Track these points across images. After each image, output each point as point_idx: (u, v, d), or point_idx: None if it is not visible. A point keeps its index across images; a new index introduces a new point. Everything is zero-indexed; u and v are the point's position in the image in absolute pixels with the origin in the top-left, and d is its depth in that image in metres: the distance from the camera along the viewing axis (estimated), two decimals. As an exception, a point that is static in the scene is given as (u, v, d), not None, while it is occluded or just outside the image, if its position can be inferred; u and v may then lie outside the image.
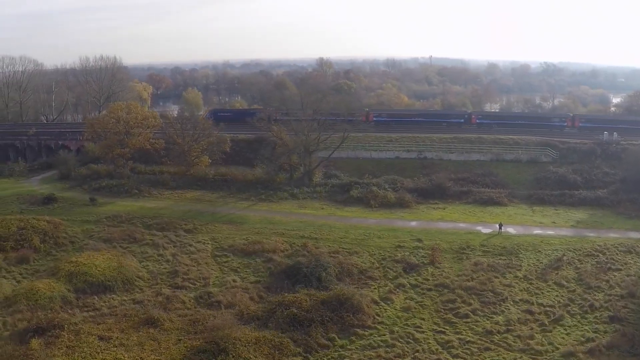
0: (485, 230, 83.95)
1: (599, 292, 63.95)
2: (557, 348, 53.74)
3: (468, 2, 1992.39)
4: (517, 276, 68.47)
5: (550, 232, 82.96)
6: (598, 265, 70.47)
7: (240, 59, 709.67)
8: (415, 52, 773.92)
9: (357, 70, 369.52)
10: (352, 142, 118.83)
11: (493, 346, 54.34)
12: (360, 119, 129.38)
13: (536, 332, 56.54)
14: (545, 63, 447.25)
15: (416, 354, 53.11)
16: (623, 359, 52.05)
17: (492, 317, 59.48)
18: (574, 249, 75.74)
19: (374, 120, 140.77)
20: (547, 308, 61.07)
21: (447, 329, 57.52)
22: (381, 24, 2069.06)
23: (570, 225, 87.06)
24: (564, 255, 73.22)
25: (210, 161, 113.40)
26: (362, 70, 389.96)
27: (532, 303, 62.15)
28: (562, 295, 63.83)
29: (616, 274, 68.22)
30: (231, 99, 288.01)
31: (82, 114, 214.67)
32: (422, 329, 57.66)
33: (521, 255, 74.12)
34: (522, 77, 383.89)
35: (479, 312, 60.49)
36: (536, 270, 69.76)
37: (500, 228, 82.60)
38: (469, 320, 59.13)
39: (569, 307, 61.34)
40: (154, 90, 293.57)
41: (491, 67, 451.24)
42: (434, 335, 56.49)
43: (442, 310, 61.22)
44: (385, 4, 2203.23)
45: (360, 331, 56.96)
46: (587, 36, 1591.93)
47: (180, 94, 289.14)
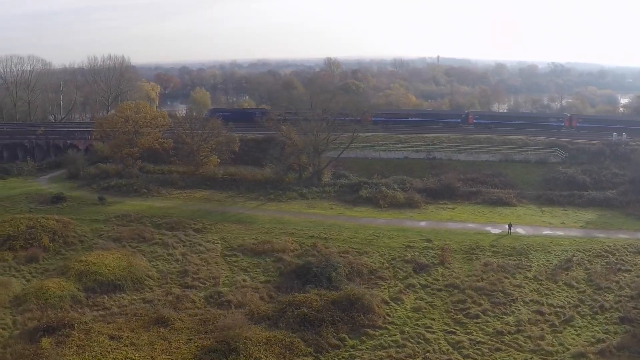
0: (495, 230, 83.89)
1: (609, 293, 63.76)
2: (568, 349, 53.51)
3: (475, 2, 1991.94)
4: (527, 277, 68.30)
5: (560, 233, 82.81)
6: (608, 266, 70.31)
7: (247, 59, 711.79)
8: (422, 52, 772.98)
9: (364, 70, 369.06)
10: (360, 142, 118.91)
11: (504, 347, 54.18)
12: (357, 119, 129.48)
13: (547, 333, 56.30)
14: (552, 63, 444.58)
15: (427, 354, 52.97)
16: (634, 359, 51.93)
17: (502, 318, 59.29)
18: (584, 249, 75.56)
19: (372, 120, 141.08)
20: (558, 309, 60.82)
21: (457, 330, 57.40)
22: (388, 24, 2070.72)
23: (579, 226, 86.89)
24: (574, 256, 73.02)
25: (219, 161, 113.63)
26: (370, 70, 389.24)
27: (543, 304, 61.93)
28: (572, 296, 63.62)
29: (626, 274, 68.03)
30: (239, 99, 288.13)
31: (90, 114, 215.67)
32: (433, 329, 57.54)
33: (531, 255, 73.97)
34: (530, 78, 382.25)
35: (490, 313, 60.32)
36: (546, 271, 69.56)
37: (509, 228, 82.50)
38: (479, 320, 58.98)
39: (579, 307, 61.12)
40: (161, 90, 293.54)
41: (499, 67, 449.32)
42: (444, 335, 56.36)
43: (453, 311, 61.09)
44: (391, 4, 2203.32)
45: (370, 331, 56.86)
46: (595, 36, 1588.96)
47: (187, 94, 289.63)
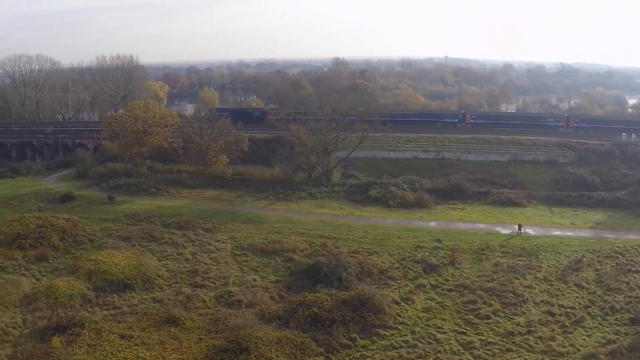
0: (505, 231, 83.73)
1: (619, 294, 63.52)
2: (579, 350, 53.30)
3: (482, 2, 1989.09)
4: (537, 277, 68.10)
5: (569, 234, 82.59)
6: (618, 267, 70.07)
7: (255, 59, 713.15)
8: (430, 52, 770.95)
9: (372, 70, 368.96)
10: (369, 142, 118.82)
11: (514, 347, 54.03)
12: (354, 118, 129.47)
13: (557, 334, 56.09)
14: (560, 64, 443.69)
15: (438, 355, 52.90)
16: (645, 361, 51.72)
17: (513, 318, 59.12)
18: (594, 250, 75.31)
19: (368, 120, 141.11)
20: (568, 309, 60.60)
21: (468, 330, 57.27)
22: (395, 24, 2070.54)
23: (589, 226, 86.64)
24: (584, 256, 72.79)
25: (227, 160, 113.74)
26: (378, 70, 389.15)
27: (553, 304, 61.73)
28: (583, 297, 63.40)
29: (636, 275, 67.72)
30: (247, 99, 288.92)
31: (98, 113, 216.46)
32: (444, 329, 57.44)
33: (541, 256, 73.78)
34: (538, 78, 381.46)
35: (500, 313, 60.17)
36: (556, 272, 69.36)
37: (519, 229, 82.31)
38: (490, 321, 58.81)
39: (590, 308, 60.93)
40: (169, 90, 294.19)
41: (506, 68, 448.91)
42: (455, 336, 56.23)
43: (463, 311, 60.97)
44: (399, 4, 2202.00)
45: (381, 331, 56.82)
46: (603, 37, 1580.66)
47: (195, 93, 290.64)
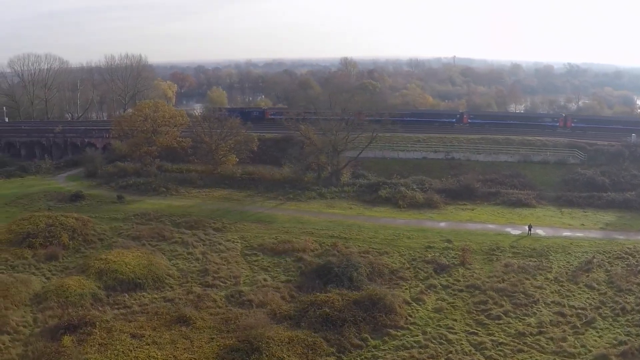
0: (515, 231, 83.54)
1: (630, 295, 63.28)
2: (590, 350, 53.24)
3: (491, 2, 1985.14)
4: (547, 278, 67.96)
5: (580, 234, 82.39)
6: (628, 268, 69.78)
7: (263, 58, 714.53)
8: (438, 52, 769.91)
9: (380, 70, 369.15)
10: (379, 142, 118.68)
11: (526, 348, 53.97)
12: (352, 118, 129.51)
13: (568, 335, 55.99)
14: (568, 64, 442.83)
15: (449, 355, 52.90)
16: (656, 362, 51.56)
17: (524, 319, 59.05)
18: (604, 251, 75.05)
19: (367, 120, 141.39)
20: (579, 310, 60.48)
21: (479, 330, 57.23)
22: (403, 23, 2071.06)
23: (599, 227, 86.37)
24: (594, 257, 72.55)
25: (237, 160, 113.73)
26: (386, 70, 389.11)
27: (564, 305, 61.57)
28: (594, 298, 63.28)
29: (646, 277, 67.59)
30: (255, 98, 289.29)
31: (107, 112, 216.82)
32: (455, 330, 57.43)
33: (551, 257, 73.62)
34: (546, 78, 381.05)
35: (511, 314, 60.11)
36: (567, 272, 69.21)
37: (529, 230, 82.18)
38: (501, 321, 58.76)
39: (601, 309, 60.81)
40: (177, 89, 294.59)
41: (515, 68, 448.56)
42: (466, 336, 56.20)
43: (474, 312, 60.92)
44: (407, 3, 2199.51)
45: (393, 331, 56.83)
46: (611, 37, 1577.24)
47: (204, 93, 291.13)
